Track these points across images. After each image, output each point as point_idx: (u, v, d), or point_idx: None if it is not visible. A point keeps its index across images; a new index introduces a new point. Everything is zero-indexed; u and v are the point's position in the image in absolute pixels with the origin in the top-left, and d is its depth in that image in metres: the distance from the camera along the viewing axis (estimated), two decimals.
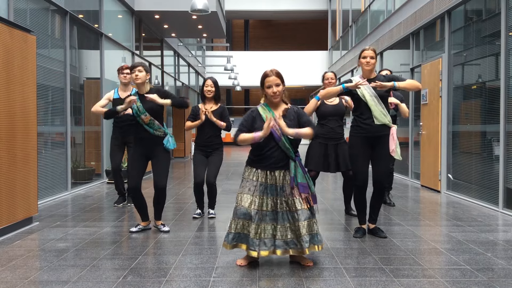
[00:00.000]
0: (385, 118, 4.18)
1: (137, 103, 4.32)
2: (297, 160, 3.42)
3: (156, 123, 4.38)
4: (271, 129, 3.32)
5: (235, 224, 3.43)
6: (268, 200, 3.39)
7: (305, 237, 3.36)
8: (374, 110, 4.16)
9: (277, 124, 3.32)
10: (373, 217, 4.45)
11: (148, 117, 4.32)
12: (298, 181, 3.38)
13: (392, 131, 4.24)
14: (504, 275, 3.29)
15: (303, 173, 3.42)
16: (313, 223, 3.46)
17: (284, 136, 3.37)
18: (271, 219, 3.39)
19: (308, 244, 3.37)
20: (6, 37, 4.36)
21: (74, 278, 3.21)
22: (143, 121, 4.34)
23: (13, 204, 4.47)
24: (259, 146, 3.43)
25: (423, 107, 8.01)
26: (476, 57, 6.80)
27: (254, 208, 3.36)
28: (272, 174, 3.41)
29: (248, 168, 3.50)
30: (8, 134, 4.39)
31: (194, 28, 12.72)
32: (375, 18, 12.69)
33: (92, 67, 8.75)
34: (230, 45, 26.96)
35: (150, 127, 4.36)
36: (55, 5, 6.89)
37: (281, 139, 3.37)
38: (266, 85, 3.44)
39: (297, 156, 3.45)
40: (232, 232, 3.44)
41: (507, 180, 5.62)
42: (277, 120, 3.31)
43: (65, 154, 7.10)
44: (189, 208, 5.79)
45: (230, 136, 25.21)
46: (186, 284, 3.10)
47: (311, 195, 3.44)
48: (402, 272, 3.34)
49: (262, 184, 3.40)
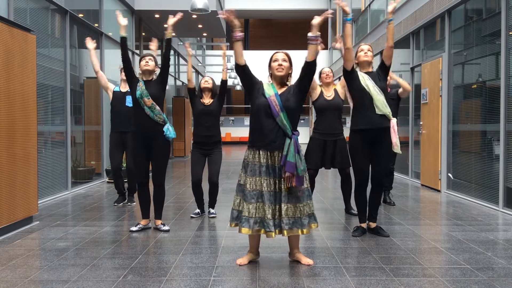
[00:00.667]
0: (386, 108, 4.22)
1: (142, 86, 4.43)
2: (293, 138, 3.38)
3: (157, 108, 4.46)
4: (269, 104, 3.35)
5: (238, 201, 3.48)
6: (270, 180, 3.38)
7: (305, 217, 3.39)
8: (377, 100, 4.20)
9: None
10: (373, 215, 4.46)
11: (150, 100, 4.41)
12: (287, 159, 3.32)
13: (393, 123, 4.27)
14: (504, 274, 3.29)
15: (295, 152, 3.34)
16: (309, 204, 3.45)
17: (282, 112, 3.37)
18: (273, 200, 3.37)
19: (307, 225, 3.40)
20: (6, 37, 4.36)
21: (74, 277, 3.21)
22: (145, 103, 4.40)
23: (13, 203, 4.47)
24: (257, 123, 3.42)
25: (423, 107, 8.01)
26: (476, 56, 6.80)
27: (251, 188, 3.37)
28: (271, 155, 3.40)
29: (249, 151, 3.48)
30: (8, 133, 4.39)
31: (194, 27, 12.71)
32: (375, 17, 12.68)
33: (92, 66, 8.73)
34: (230, 44, 26.94)
35: (151, 111, 4.42)
36: (55, 4, 6.89)
37: (279, 115, 3.36)
38: (273, 59, 3.51)
39: (294, 134, 3.41)
40: (236, 210, 3.49)
41: (507, 179, 5.62)
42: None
43: (65, 154, 7.10)
44: (189, 208, 5.79)
45: (230, 136, 25.23)
46: (186, 284, 3.10)
47: (296, 176, 3.33)
48: (402, 272, 3.34)
49: (263, 165, 3.39)
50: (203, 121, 5.14)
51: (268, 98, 3.39)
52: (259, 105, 3.41)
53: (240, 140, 25.20)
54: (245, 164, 3.48)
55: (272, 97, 3.40)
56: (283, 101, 3.40)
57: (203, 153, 5.18)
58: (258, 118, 3.43)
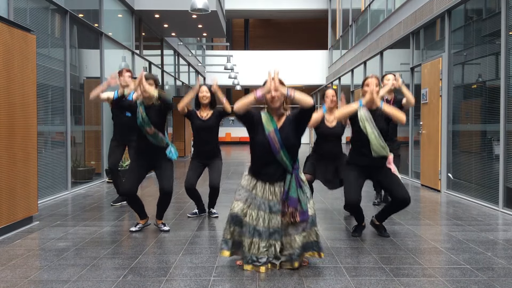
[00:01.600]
0: (383, 150, 4.14)
1: (143, 113, 4.30)
2: (294, 173, 3.37)
3: (159, 135, 4.39)
4: (269, 142, 3.31)
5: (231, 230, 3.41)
6: (264, 214, 3.34)
7: (296, 250, 3.32)
8: (374, 144, 4.11)
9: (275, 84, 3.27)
10: (383, 218, 4.43)
11: (152, 129, 4.33)
12: (289, 195, 3.31)
13: (389, 159, 4.24)
14: (504, 274, 3.29)
15: (297, 187, 3.34)
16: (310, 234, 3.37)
17: (282, 149, 3.33)
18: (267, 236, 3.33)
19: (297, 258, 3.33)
20: (6, 37, 4.36)
21: (74, 277, 3.21)
22: (147, 132, 4.33)
23: (13, 204, 4.47)
24: (258, 158, 3.42)
25: (423, 107, 8.01)
26: (476, 56, 6.80)
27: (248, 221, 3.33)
28: (272, 189, 3.38)
29: (248, 177, 3.47)
30: (8, 133, 4.39)
31: (194, 27, 12.71)
32: (375, 17, 12.68)
33: (92, 66, 8.75)
34: (230, 44, 26.95)
35: (154, 138, 4.37)
36: (55, 4, 6.89)
37: (280, 153, 3.33)
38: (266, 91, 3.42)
39: (295, 169, 3.40)
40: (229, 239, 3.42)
41: (507, 179, 5.62)
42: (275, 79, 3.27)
43: (65, 154, 7.10)
44: (189, 208, 5.79)
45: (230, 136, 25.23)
46: (186, 284, 3.10)
47: (300, 211, 3.31)
48: (402, 272, 3.34)
49: (257, 198, 3.37)
50: (202, 136, 5.09)
51: (267, 135, 3.34)
52: (259, 142, 3.38)
53: (240, 140, 25.19)
54: (243, 193, 3.44)
55: (272, 134, 3.34)
56: (283, 138, 3.34)
57: (202, 163, 5.15)
58: (258, 153, 3.42)
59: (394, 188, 4.18)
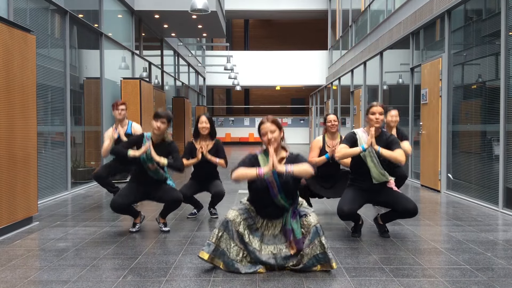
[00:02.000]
0: (383, 177, 4.15)
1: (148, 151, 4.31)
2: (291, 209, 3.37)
3: (160, 172, 4.43)
4: (268, 186, 3.30)
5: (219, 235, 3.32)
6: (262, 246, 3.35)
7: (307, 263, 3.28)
8: (374, 172, 4.12)
9: (273, 163, 3.23)
10: (387, 220, 4.42)
11: (154, 166, 4.36)
12: (285, 227, 3.34)
13: (390, 184, 4.24)
14: (504, 275, 3.29)
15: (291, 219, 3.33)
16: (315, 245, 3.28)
17: (280, 194, 3.32)
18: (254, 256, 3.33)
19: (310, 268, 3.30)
20: (6, 37, 4.36)
21: (74, 277, 3.21)
22: (148, 168, 4.36)
23: (13, 204, 4.47)
24: (255, 198, 3.42)
25: (423, 107, 8.01)
26: (476, 56, 6.81)
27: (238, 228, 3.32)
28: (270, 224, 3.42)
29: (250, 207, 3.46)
30: (8, 133, 4.39)
31: (194, 27, 12.72)
32: (375, 18, 12.69)
33: (92, 66, 8.75)
34: (230, 44, 26.95)
35: (154, 174, 4.42)
36: (55, 5, 6.89)
37: (277, 197, 3.33)
38: (262, 133, 3.39)
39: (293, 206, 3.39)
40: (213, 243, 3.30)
41: (507, 179, 5.62)
42: (274, 159, 3.24)
43: (65, 154, 7.10)
44: (189, 208, 5.79)
45: (230, 136, 25.23)
46: (186, 284, 3.10)
47: (294, 240, 3.29)
48: (402, 272, 3.34)
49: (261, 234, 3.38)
50: (200, 168, 5.08)
51: (266, 179, 3.31)
52: (257, 186, 3.35)
53: (240, 140, 25.20)
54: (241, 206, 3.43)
55: (270, 178, 3.31)
56: (282, 182, 3.32)
57: (200, 185, 5.16)
58: (256, 196, 3.42)
59: (402, 202, 4.15)
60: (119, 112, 5.69)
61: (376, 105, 4.18)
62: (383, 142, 4.15)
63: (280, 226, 3.41)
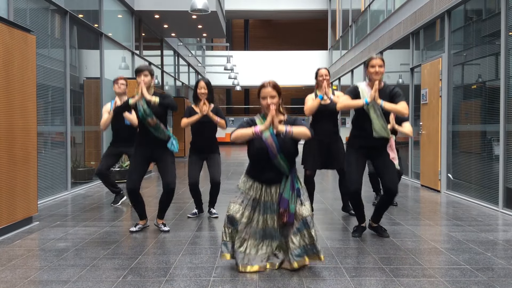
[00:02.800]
0: (384, 131, 4.13)
1: (144, 105, 4.31)
2: (290, 176, 3.38)
3: (161, 126, 4.40)
4: (267, 147, 3.30)
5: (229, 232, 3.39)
6: (259, 217, 3.38)
7: (295, 251, 3.32)
8: (375, 124, 4.10)
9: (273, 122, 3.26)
10: (377, 218, 4.43)
11: (154, 120, 4.33)
12: (283, 195, 3.34)
13: (391, 142, 4.21)
14: (504, 275, 3.29)
15: (290, 190, 3.34)
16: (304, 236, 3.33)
17: (280, 154, 3.33)
18: (260, 236, 3.37)
19: (298, 258, 3.31)
20: (6, 37, 4.36)
21: (74, 277, 3.21)
22: (148, 124, 4.34)
23: (13, 204, 4.47)
24: (255, 162, 3.42)
25: (423, 107, 8.01)
26: (476, 57, 6.81)
27: (243, 221, 3.34)
28: (268, 191, 3.40)
29: (246, 179, 3.47)
30: (8, 133, 4.39)
31: (194, 27, 12.72)
32: (375, 18, 12.69)
33: (92, 66, 8.75)
34: (230, 44, 26.95)
35: (155, 130, 4.38)
36: (55, 5, 6.89)
37: (277, 157, 3.33)
38: (261, 96, 3.42)
39: (291, 172, 3.40)
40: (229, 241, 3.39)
41: (507, 179, 5.62)
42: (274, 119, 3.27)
43: (65, 154, 7.10)
44: (189, 208, 5.79)
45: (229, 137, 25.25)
46: (186, 284, 3.10)
47: (288, 212, 3.31)
48: (402, 272, 3.34)
49: (255, 200, 3.39)
50: (200, 129, 5.10)
51: (265, 141, 3.32)
52: (256, 148, 3.36)
53: None
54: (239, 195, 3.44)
55: (269, 139, 3.32)
56: (280, 143, 3.33)
57: (200, 157, 5.17)
58: (255, 158, 3.42)
59: (385, 176, 4.21)
60: (119, 86, 5.79)
61: (375, 58, 4.19)
62: (386, 95, 4.14)
63: (276, 195, 3.38)
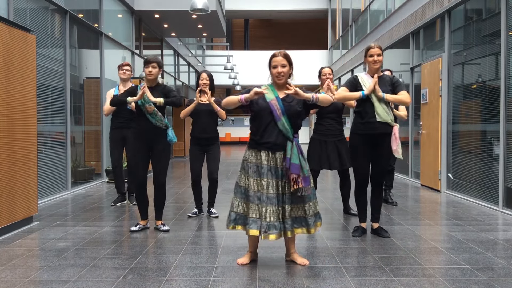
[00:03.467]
0: (387, 116, 4.14)
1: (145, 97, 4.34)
2: (295, 141, 3.37)
3: (159, 114, 4.42)
4: (271, 108, 3.31)
5: (237, 203, 3.42)
6: (272, 181, 3.33)
7: (311, 217, 3.37)
8: (377, 107, 4.12)
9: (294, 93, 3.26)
10: (376, 216, 4.44)
11: (152, 107, 4.36)
12: (291, 162, 3.30)
13: (395, 130, 4.22)
14: (504, 275, 3.29)
15: (298, 154, 3.34)
16: (315, 203, 3.44)
17: (284, 116, 3.32)
18: (276, 201, 3.32)
19: (313, 224, 3.39)
20: (6, 37, 4.36)
21: (74, 277, 3.21)
22: (146, 110, 4.36)
23: (13, 204, 4.47)
24: (258, 126, 3.39)
25: (423, 107, 8.01)
26: (476, 56, 6.80)
27: (254, 190, 3.33)
28: (273, 156, 3.36)
29: (249, 151, 3.45)
30: (8, 133, 4.39)
31: (194, 27, 12.71)
32: (375, 18, 12.68)
33: (92, 66, 8.75)
34: (230, 44, 26.95)
35: (152, 117, 4.39)
36: (55, 5, 6.89)
37: (281, 119, 3.32)
38: (272, 65, 3.40)
39: (295, 137, 3.40)
40: (234, 212, 3.42)
41: (507, 179, 5.62)
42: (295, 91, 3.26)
43: (65, 154, 7.10)
44: (189, 208, 5.79)
45: (230, 136, 25.24)
46: (186, 284, 3.10)
47: (303, 177, 3.33)
48: (402, 272, 3.34)
49: (263, 166, 3.35)
50: (202, 120, 5.14)
51: (269, 102, 3.34)
52: (260, 109, 3.36)
53: (240, 140, 25.20)
54: (245, 165, 3.44)
55: (273, 101, 3.34)
56: (285, 105, 3.34)
57: (201, 149, 5.20)
58: (259, 121, 3.39)
59: (376, 167, 4.31)
60: (124, 72, 5.84)
61: (373, 47, 4.18)
62: (386, 84, 4.17)
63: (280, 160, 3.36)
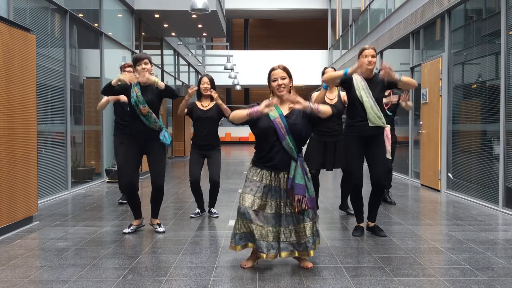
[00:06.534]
0: (379, 120, 4.15)
1: (138, 92, 4.26)
2: (299, 161, 3.34)
3: (153, 116, 4.32)
4: (275, 127, 3.28)
5: (239, 224, 3.36)
6: (272, 202, 3.32)
7: (310, 238, 3.33)
8: (369, 113, 4.13)
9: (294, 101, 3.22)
10: (373, 215, 4.46)
11: (146, 108, 4.27)
12: (295, 182, 3.28)
13: (386, 131, 4.24)
14: (504, 274, 3.29)
15: (303, 174, 3.32)
16: (315, 224, 3.42)
17: (289, 135, 3.30)
18: (275, 222, 3.32)
19: (312, 246, 3.35)
20: (6, 36, 4.36)
21: (74, 277, 3.21)
22: (140, 111, 4.27)
23: (13, 203, 4.47)
24: (262, 146, 3.37)
25: (423, 106, 8.01)
26: (476, 56, 6.80)
27: (254, 209, 3.28)
28: (276, 176, 3.34)
29: (253, 169, 3.42)
30: (8, 133, 4.39)
31: (194, 27, 12.71)
32: (375, 17, 12.68)
33: (92, 66, 8.75)
34: (230, 44, 26.94)
35: (147, 119, 4.31)
36: (55, 4, 6.88)
37: (286, 139, 3.29)
38: (272, 79, 3.39)
39: (299, 157, 3.37)
40: (238, 233, 3.37)
41: (507, 179, 5.62)
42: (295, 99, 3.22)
43: (65, 153, 7.10)
44: (189, 208, 5.79)
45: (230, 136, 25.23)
46: (186, 283, 3.10)
47: (308, 198, 3.30)
48: (402, 271, 3.34)
49: (266, 186, 3.33)
50: (202, 126, 5.10)
51: (273, 121, 3.30)
52: (264, 128, 3.31)
53: (240, 140, 25.19)
54: (248, 184, 3.39)
55: (278, 119, 3.30)
56: (290, 124, 3.30)
57: (201, 154, 5.18)
58: (263, 140, 3.36)
59: (373, 167, 4.29)
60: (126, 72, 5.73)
61: (368, 48, 4.22)
62: (378, 84, 4.21)
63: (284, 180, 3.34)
